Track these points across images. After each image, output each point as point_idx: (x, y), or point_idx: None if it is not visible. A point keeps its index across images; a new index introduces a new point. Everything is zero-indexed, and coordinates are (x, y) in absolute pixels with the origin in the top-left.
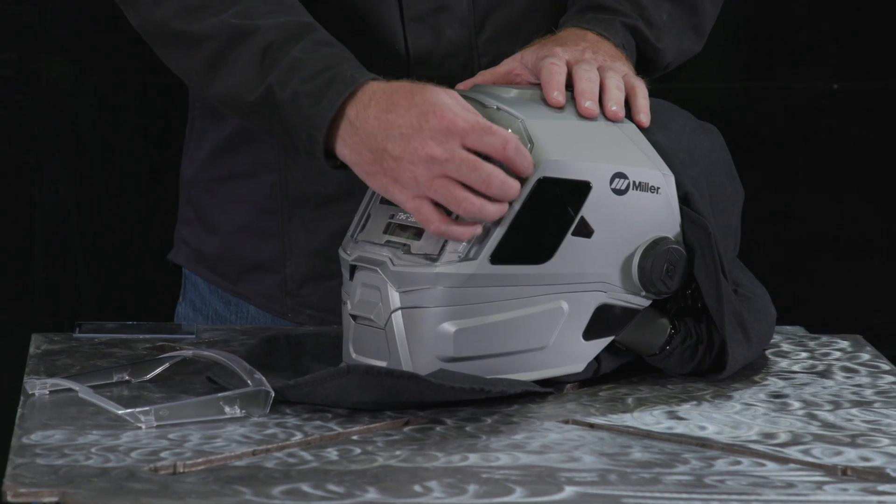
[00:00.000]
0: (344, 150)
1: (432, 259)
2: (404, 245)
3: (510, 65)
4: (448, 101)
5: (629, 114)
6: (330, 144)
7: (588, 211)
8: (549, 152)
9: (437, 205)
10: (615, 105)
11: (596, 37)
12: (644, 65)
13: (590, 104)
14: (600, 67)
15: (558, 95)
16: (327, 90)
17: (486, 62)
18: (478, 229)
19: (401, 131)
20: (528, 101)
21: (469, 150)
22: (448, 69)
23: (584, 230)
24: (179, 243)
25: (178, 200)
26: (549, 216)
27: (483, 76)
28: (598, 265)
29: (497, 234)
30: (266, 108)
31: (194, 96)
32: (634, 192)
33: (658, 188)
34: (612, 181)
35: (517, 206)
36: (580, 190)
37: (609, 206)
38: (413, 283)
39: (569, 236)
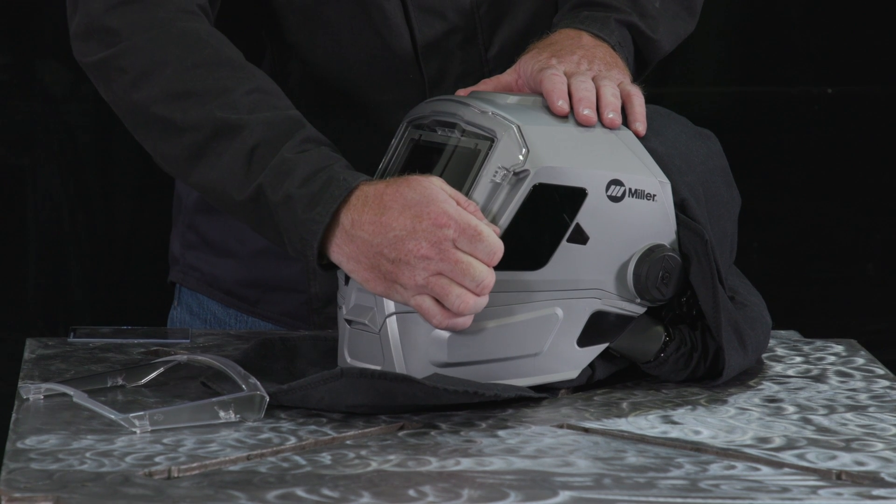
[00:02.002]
0: (340, 256)
1: None
2: None
3: (511, 76)
4: (439, 197)
5: (626, 121)
6: (324, 247)
7: (583, 218)
8: (544, 159)
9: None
10: (612, 112)
11: (591, 40)
12: (641, 57)
13: (588, 111)
14: (595, 78)
15: (563, 104)
16: (322, 195)
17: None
18: (471, 319)
19: (395, 234)
20: (526, 107)
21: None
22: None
23: (580, 237)
24: (186, 268)
25: (175, 223)
26: (544, 223)
27: (485, 85)
28: (594, 272)
29: None
30: (256, 207)
31: None
32: (630, 199)
33: (654, 195)
34: (607, 188)
35: (512, 213)
36: (576, 196)
37: (605, 213)
38: None
39: (564, 243)
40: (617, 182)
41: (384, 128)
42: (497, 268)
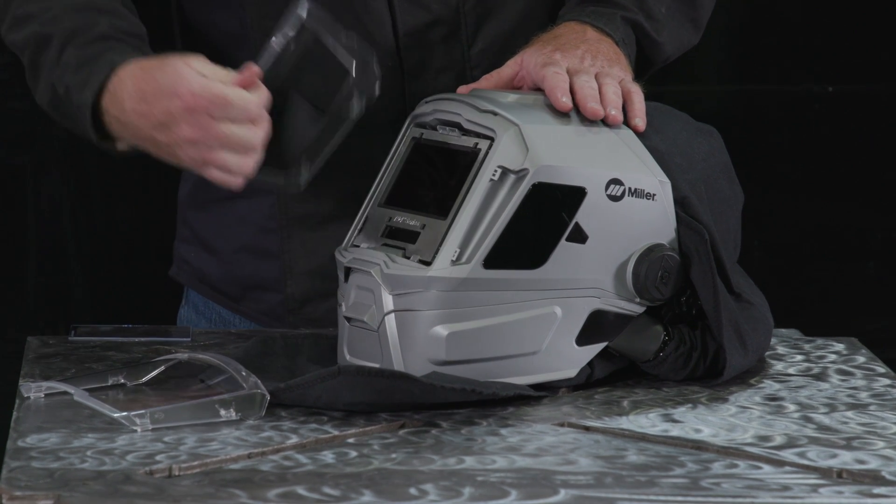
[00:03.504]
0: (122, 139)
1: (426, 263)
2: (400, 248)
3: (512, 69)
4: (186, 76)
5: (626, 118)
6: (106, 127)
7: (582, 217)
8: (544, 158)
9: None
10: (613, 109)
11: (595, 34)
12: (643, 58)
13: (594, 105)
14: (597, 75)
15: (566, 100)
16: (88, 80)
17: (478, 74)
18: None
19: (158, 120)
20: (526, 106)
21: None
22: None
23: (579, 236)
24: (181, 262)
25: (177, 217)
26: (543, 221)
27: (487, 81)
28: (592, 271)
29: (491, 239)
30: (59, 105)
31: None
32: (630, 198)
33: (654, 195)
34: (607, 187)
35: (511, 211)
36: (575, 196)
37: (604, 212)
38: (406, 286)
39: (563, 242)
40: (616, 181)
41: (363, 117)
42: (495, 266)
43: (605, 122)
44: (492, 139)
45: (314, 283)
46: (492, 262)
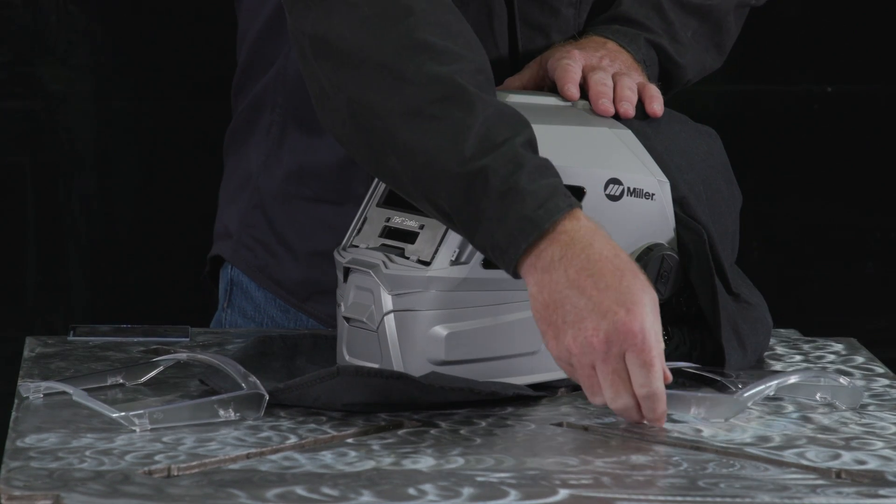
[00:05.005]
0: (528, 274)
1: (425, 263)
2: (399, 248)
3: (533, 69)
4: (646, 305)
5: (643, 107)
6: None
7: None
8: None
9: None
10: (626, 103)
11: (616, 47)
12: (665, 80)
13: (605, 102)
14: (614, 74)
15: (573, 89)
16: (548, 201)
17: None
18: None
19: (585, 304)
20: (527, 105)
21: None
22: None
23: None
24: (239, 246)
25: (235, 200)
26: None
27: (510, 83)
28: None
29: None
30: (470, 186)
31: (274, 99)
32: (629, 198)
33: (653, 195)
34: (606, 187)
35: None
36: (573, 195)
37: (603, 211)
38: (405, 286)
39: None
40: (615, 181)
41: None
42: (495, 266)
43: (617, 115)
44: None
45: None
46: (491, 262)
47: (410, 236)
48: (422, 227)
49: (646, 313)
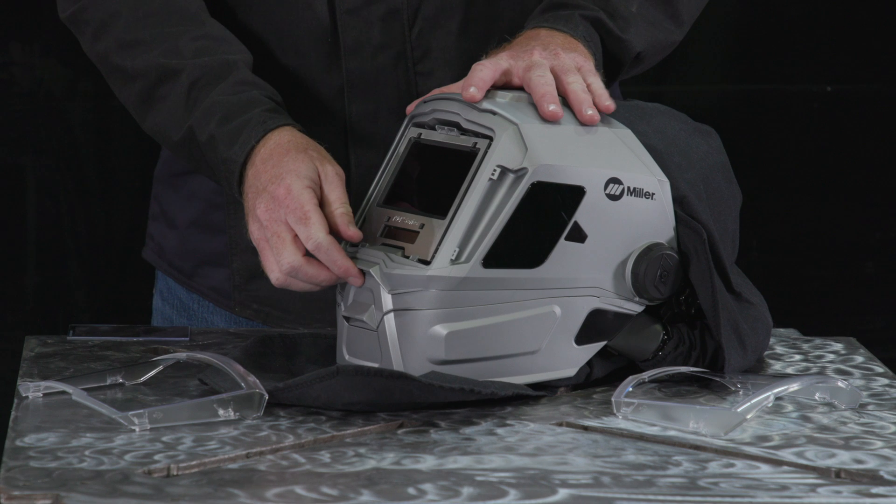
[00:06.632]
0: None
1: (426, 262)
2: (399, 248)
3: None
4: (298, 174)
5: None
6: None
7: (581, 216)
8: (542, 157)
9: None
10: (589, 109)
11: (547, 32)
12: (610, 57)
13: (553, 107)
14: (554, 69)
15: (554, 108)
16: (238, 136)
17: (418, 55)
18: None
19: (257, 186)
20: (525, 104)
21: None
22: (381, 62)
23: (578, 235)
24: (148, 238)
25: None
26: (542, 220)
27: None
28: (591, 270)
29: (490, 238)
30: (189, 147)
31: None
32: (629, 197)
33: (653, 194)
34: (606, 186)
35: (510, 210)
36: (574, 195)
37: (603, 211)
38: (405, 285)
39: (562, 241)
40: (615, 180)
41: (304, 92)
42: (494, 266)
43: (583, 123)
44: (491, 138)
45: (259, 259)
46: (491, 261)
47: (410, 236)
48: (422, 226)
49: (292, 179)
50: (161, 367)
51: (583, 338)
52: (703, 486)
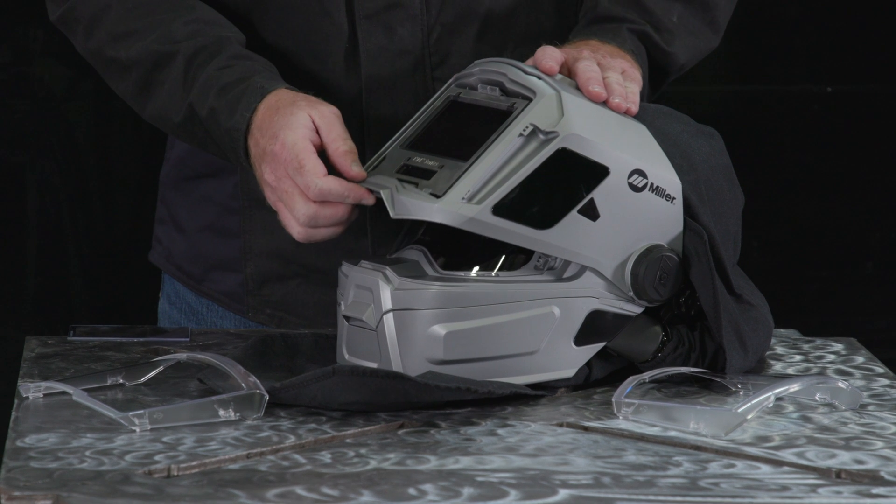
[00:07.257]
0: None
1: (437, 196)
2: (413, 183)
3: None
4: (292, 126)
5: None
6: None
7: (599, 195)
8: (575, 126)
9: None
10: (618, 98)
11: (597, 42)
12: (656, 69)
13: (598, 88)
14: (599, 64)
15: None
16: (238, 103)
17: (436, 61)
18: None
19: (260, 154)
20: (570, 85)
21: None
22: (400, 67)
23: (591, 212)
24: (155, 242)
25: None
26: (560, 187)
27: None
28: (595, 251)
29: (506, 187)
30: (191, 126)
31: None
32: (650, 193)
33: (674, 198)
34: (630, 175)
35: (531, 168)
36: (597, 172)
37: (622, 197)
38: (412, 212)
39: (574, 212)
40: (640, 172)
41: (322, 97)
42: (504, 215)
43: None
44: (530, 100)
45: (273, 264)
46: (501, 209)
47: (427, 174)
48: (441, 167)
49: (285, 133)
50: (161, 368)
51: (582, 339)
52: (703, 487)
